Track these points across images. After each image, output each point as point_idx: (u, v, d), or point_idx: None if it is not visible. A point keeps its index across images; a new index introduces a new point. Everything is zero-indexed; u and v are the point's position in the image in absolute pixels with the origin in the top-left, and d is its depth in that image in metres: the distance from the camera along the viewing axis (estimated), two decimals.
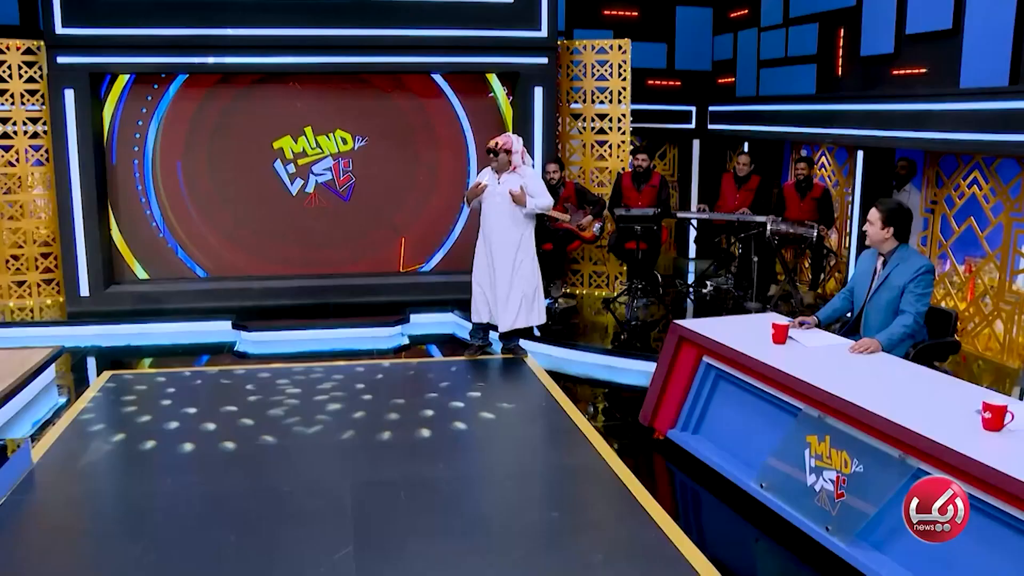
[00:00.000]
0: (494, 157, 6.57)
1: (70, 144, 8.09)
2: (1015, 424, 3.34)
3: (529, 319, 6.83)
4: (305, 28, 8.11)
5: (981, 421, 3.36)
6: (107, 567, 3.82)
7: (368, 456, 5.06)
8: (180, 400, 6.05)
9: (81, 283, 8.29)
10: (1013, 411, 3.36)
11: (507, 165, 6.59)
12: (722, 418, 4.79)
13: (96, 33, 7.94)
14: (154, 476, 4.84)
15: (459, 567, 3.81)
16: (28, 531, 4.21)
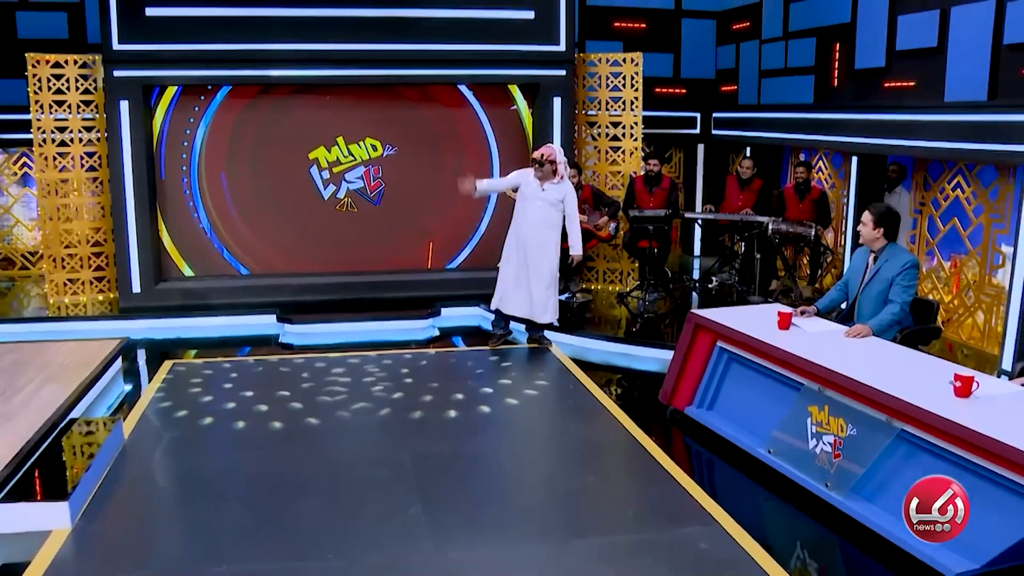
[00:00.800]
0: (539, 167, 7.24)
1: (124, 151, 8.74)
2: (981, 392, 4.05)
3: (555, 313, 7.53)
4: (340, 43, 8.75)
5: (953, 390, 4.06)
6: (209, 526, 4.47)
7: (420, 432, 5.75)
8: (241, 384, 6.73)
9: (133, 280, 8.94)
10: (979, 382, 4.06)
11: (551, 175, 7.26)
12: (734, 395, 5.50)
13: (148, 49, 8.59)
14: (231, 450, 5.53)
15: (512, 522, 4.53)
16: (134, 496, 4.88)
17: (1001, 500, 3.65)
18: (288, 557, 4.10)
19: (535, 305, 7.43)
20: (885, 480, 4.24)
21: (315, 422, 5.92)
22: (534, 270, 7.34)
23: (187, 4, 8.56)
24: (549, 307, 7.44)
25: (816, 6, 9.49)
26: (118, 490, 4.86)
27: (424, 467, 5.14)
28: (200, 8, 8.57)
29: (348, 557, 4.09)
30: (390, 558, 4.09)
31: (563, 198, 7.31)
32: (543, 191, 7.28)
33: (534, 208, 7.30)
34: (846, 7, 8.94)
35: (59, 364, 6.57)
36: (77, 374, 6.33)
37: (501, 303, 7.62)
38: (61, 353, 6.88)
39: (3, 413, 5.49)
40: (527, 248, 7.36)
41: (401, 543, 4.23)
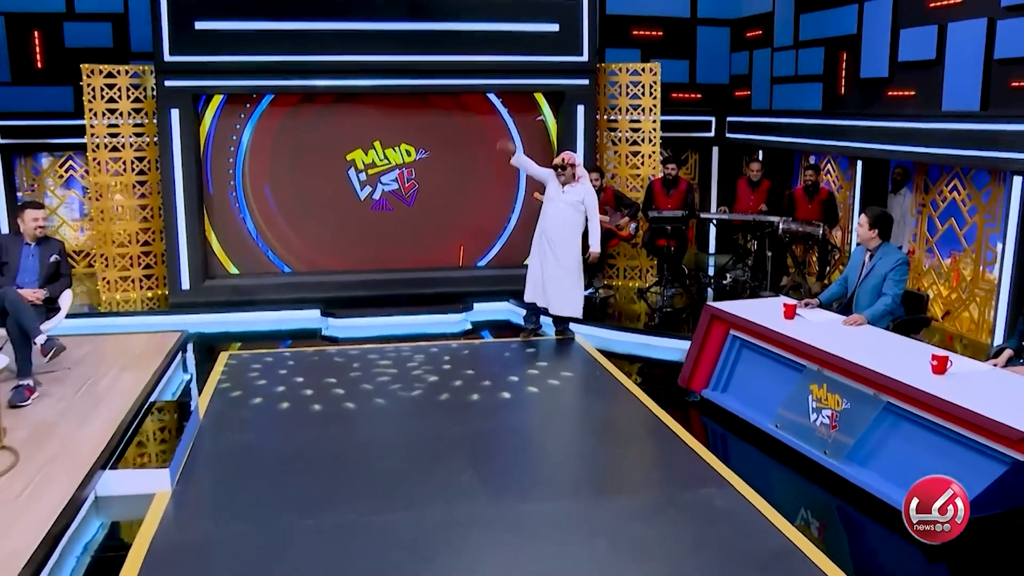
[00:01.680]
0: (562, 171, 8.10)
1: (174, 156, 9.61)
2: (954, 370, 4.88)
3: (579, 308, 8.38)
4: (377, 55, 9.60)
5: (930, 367, 4.89)
6: (290, 489, 5.32)
7: (465, 411, 6.61)
8: (295, 371, 7.60)
9: (182, 278, 9.80)
10: (953, 361, 4.90)
11: (572, 178, 8.13)
12: (745, 377, 6.35)
13: (197, 60, 9.45)
14: (296, 427, 6.36)
15: (551, 484, 5.41)
16: (217, 465, 5.72)
17: (968, 458, 4.48)
18: (364, 512, 4.95)
19: (557, 299, 8.28)
20: (874, 447, 5.08)
21: (369, 404, 6.78)
22: (557, 266, 8.19)
23: (234, 18, 9.41)
24: (571, 301, 8.29)
25: (825, 17, 10.30)
26: (202, 461, 5.72)
27: (472, 440, 6.01)
28: (246, 22, 9.43)
29: (415, 512, 4.95)
30: (450, 512, 4.94)
31: (583, 199, 8.16)
32: (564, 193, 8.14)
33: (558, 209, 8.16)
34: (852, 19, 9.76)
35: (131, 355, 7.46)
36: (150, 363, 7.21)
37: (534, 296, 8.47)
38: (131, 345, 7.78)
39: (93, 397, 6.38)
40: (551, 246, 8.21)
41: (458, 500, 5.09)
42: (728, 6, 12.40)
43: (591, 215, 8.19)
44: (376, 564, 4.37)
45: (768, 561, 4.39)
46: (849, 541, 4.87)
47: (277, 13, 9.40)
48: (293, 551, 4.50)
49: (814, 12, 10.54)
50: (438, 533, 4.68)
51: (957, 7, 8.30)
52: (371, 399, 6.90)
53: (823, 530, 4.97)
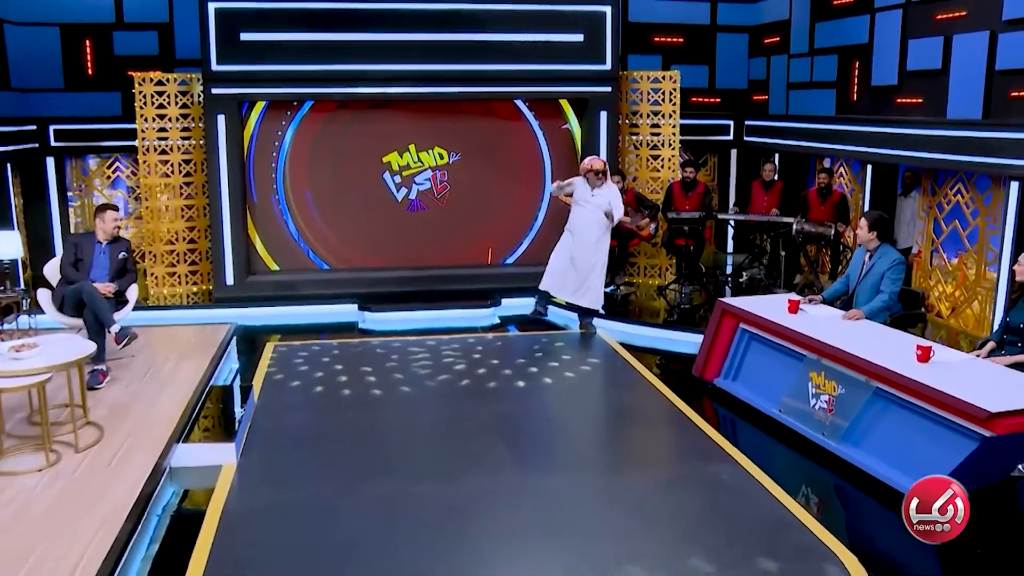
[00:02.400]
0: (596, 176, 8.82)
1: (220, 159, 10.37)
2: (937, 359, 5.53)
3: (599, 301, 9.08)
4: (411, 64, 10.31)
5: (916, 356, 5.54)
6: (341, 462, 6.05)
7: (494, 397, 7.32)
8: (338, 360, 8.32)
9: (227, 274, 10.57)
10: (936, 351, 5.55)
11: (601, 181, 8.85)
12: (753, 367, 7.02)
13: (242, 69, 10.21)
14: (340, 410, 7.07)
15: (575, 460, 6.12)
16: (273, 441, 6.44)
17: (945, 436, 5.12)
18: (406, 483, 5.66)
19: (582, 292, 9.00)
20: (866, 428, 5.73)
21: (407, 389, 7.51)
22: (586, 264, 8.90)
23: (276, 30, 10.15)
24: (594, 295, 9.01)
25: (839, 26, 10.93)
26: (260, 438, 6.45)
27: (501, 421, 6.73)
28: (288, 33, 10.16)
29: (452, 484, 5.66)
30: (482, 483, 5.65)
31: (609, 200, 8.86)
32: (593, 196, 8.82)
33: (587, 209, 8.89)
34: (864, 29, 10.38)
35: (187, 345, 8.23)
36: (206, 352, 7.97)
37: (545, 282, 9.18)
38: (185, 336, 8.56)
39: (159, 381, 7.15)
40: (581, 245, 8.91)
41: (490, 473, 5.80)
42: (747, 13, 13.03)
43: (616, 211, 8.88)
44: (417, 528, 5.07)
45: (768, 529, 5.06)
46: (844, 513, 5.55)
47: (317, 25, 10.13)
48: (344, 515, 5.22)
49: (829, 21, 11.16)
50: (472, 501, 5.39)
51: (962, 19, 8.91)
52: (408, 385, 7.62)
53: (821, 504, 5.62)
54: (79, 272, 7.24)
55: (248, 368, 8.30)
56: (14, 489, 5.10)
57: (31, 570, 4.17)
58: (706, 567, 4.56)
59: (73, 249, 7.34)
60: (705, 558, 4.64)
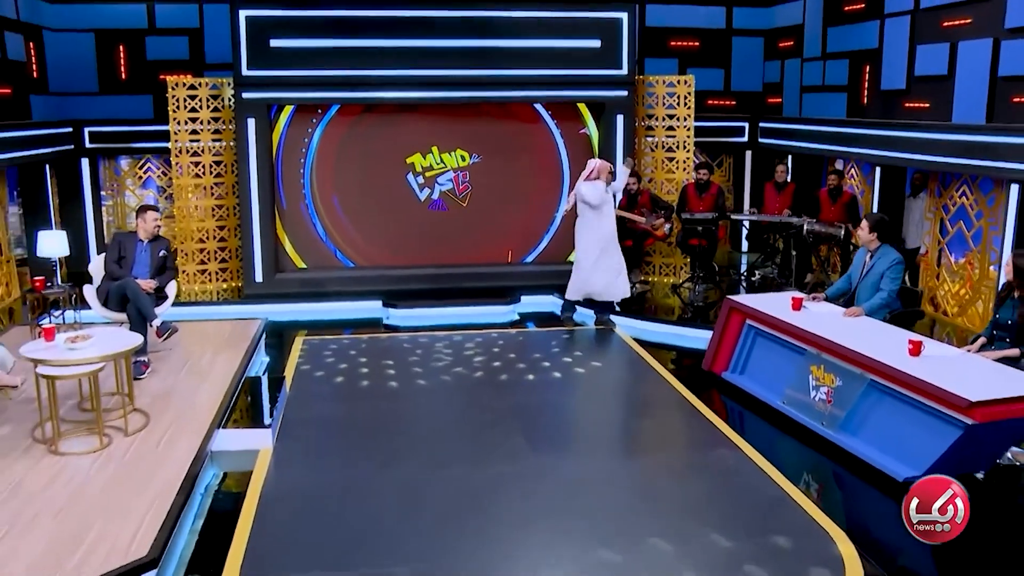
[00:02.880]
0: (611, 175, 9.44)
1: (250, 161, 10.89)
2: (927, 353, 5.96)
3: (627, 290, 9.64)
4: (434, 69, 10.80)
5: (907, 350, 5.97)
6: (369, 448, 6.54)
7: (513, 388, 7.80)
8: (364, 354, 8.82)
9: (256, 271, 11.11)
10: (926, 345, 5.97)
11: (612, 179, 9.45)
12: (759, 361, 7.46)
13: (271, 74, 10.73)
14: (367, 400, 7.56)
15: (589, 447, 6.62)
16: (306, 428, 6.94)
17: (932, 424, 5.55)
18: (431, 467, 6.14)
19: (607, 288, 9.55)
20: (862, 418, 6.17)
21: (429, 382, 8.00)
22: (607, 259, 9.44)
23: (304, 37, 10.66)
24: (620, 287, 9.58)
25: (849, 31, 11.33)
26: (293, 425, 6.95)
27: (520, 411, 7.21)
28: (315, 40, 10.67)
29: (473, 467, 6.15)
30: (502, 468, 6.12)
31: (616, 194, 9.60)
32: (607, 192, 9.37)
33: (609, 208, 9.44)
34: (874, 34, 10.77)
35: (221, 338, 8.76)
36: (239, 346, 8.49)
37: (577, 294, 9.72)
38: (219, 331, 9.08)
39: (198, 373, 7.69)
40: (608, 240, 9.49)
41: (509, 458, 6.27)
42: (761, 17, 13.44)
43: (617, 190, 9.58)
44: (443, 507, 5.55)
45: (766, 508, 5.51)
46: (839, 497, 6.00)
47: (343, 32, 10.64)
48: (373, 496, 5.71)
49: (840, 26, 11.56)
50: (493, 484, 5.87)
51: (967, 27, 9.29)
52: (431, 377, 8.11)
53: (818, 488, 6.05)
54: (122, 269, 7.78)
55: (278, 361, 8.81)
56: (72, 469, 5.63)
57: (92, 543, 4.67)
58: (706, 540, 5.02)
59: (117, 247, 7.88)
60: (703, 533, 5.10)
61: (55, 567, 4.38)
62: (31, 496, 5.20)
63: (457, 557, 4.92)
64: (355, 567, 4.80)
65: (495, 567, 4.83)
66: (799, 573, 4.70)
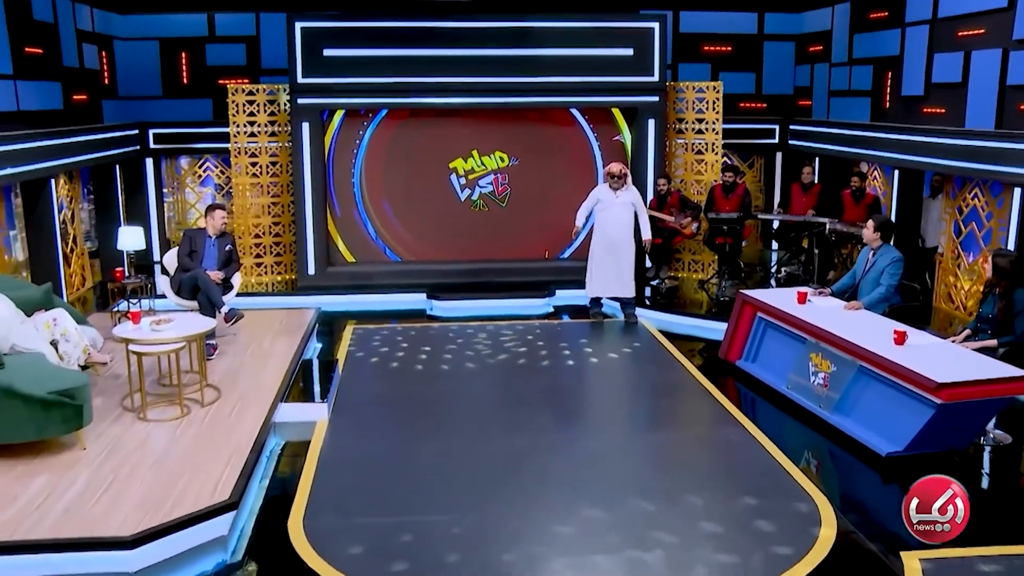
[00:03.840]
0: (616, 179, 10.25)
1: (304, 162, 11.98)
2: (911, 342, 6.82)
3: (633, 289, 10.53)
4: (475, 76, 11.81)
5: (893, 340, 6.83)
6: (417, 423, 7.57)
7: (544, 372, 8.80)
8: (410, 341, 9.87)
9: (309, 264, 12.21)
10: (911, 335, 6.84)
11: (623, 184, 10.29)
12: (768, 350, 8.37)
13: (324, 81, 11.81)
14: (414, 382, 8.61)
15: (610, 424, 7.58)
16: (358, 405, 7.99)
17: (911, 404, 6.41)
18: (468, 439, 7.16)
19: (620, 285, 10.45)
20: (854, 400, 7.05)
21: (469, 366, 9.02)
22: (621, 259, 10.35)
23: (355, 46, 11.73)
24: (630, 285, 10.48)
25: (874, 38, 12.10)
26: (346, 401, 8.00)
27: (549, 391, 8.22)
28: (365, 49, 11.73)
29: (503, 438, 7.15)
30: (532, 441, 7.09)
31: (632, 200, 10.36)
32: (617, 197, 10.29)
33: (613, 213, 10.35)
34: (896, 41, 11.55)
35: (279, 325, 9.85)
36: (295, 332, 9.58)
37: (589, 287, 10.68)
38: (277, 318, 10.18)
39: (261, 354, 8.77)
40: (611, 240, 10.37)
41: (538, 433, 7.26)
42: (792, 23, 14.24)
43: (640, 212, 10.32)
44: (475, 470, 6.56)
45: (761, 476, 6.42)
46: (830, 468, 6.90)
47: (390, 42, 11.70)
48: (417, 461, 6.72)
49: (865, 33, 12.34)
50: (520, 452, 6.85)
51: (980, 37, 10.05)
52: (471, 362, 9.14)
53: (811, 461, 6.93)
54: (193, 261, 8.88)
55: (329, 347, 9.89)
56: (159, 432, 6.73)
57: (183, 490, 5.73)
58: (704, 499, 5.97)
59: (188, 242, 8.99)
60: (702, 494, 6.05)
61: (157, 505, 5.46)
62: (128, 453, 6.30)
63: (486, 508, 5.91)
64: (400, 514, 5.81)
65: (517, 516, 5.80)
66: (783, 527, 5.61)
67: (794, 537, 5.48)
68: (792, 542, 5.41)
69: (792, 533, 5.53)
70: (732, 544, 5.43)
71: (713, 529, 5.61)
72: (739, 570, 5.15)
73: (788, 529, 5.59)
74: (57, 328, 7.18)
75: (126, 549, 5.05)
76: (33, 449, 6.21)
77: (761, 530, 5.58)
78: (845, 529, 5.58)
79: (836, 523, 5.64)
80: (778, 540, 5.44)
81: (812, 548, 5.35)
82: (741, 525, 5.65)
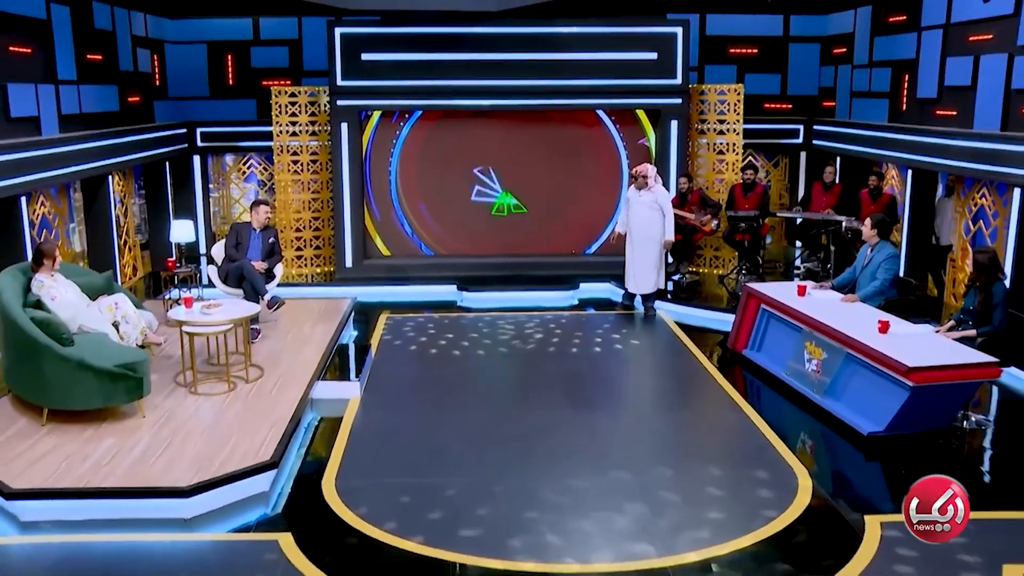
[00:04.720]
0: (635, 180, 11.08)
1: (343, 160, 12.94)
2: (893, 331, 7.58)
3: (659, 283, 11.31)
4: (505, 79, 12.69)
5: (877, 328, 7.59)
6: (444, 403, 8.46)
7: (565, 359, 9.65)
8: (440, 329, 10.78)
9: (346, 257, 13.17)
10: (893, 324, 7.59)
11: (645, 184, 11.07)
12: (770, 339, 9.15)
13: (362, 84, 12.75)
14: (442, 365, 9.50)
15: (622, 405, 8.45)
16: (389, 386, 8.90)
17: (890, 388, 7.17)
18: (490, 417, 8.03)
19: (642, 281, 11.27)
20: (843, 385, 7.82)
21: (495, 351, 9.91)
22: (643, 256, 11.16)
23: (392, 51, 12.66)
24: (650, 282, 11.29)
25: (892, 41, 12.77)
26: (378, 381, 8.91)
27: (566, 376, 9.10)
28: (401, 54, 12.66)
29: (521, 414, 8.02)
30: (546, 418, 7.95)
31: (656, 199, 11.13)
32: (641, 196, 11.09)
33: (639, 210, 11.16)
34: (912, 45, 12.21)
35: (318, 313, 10.81)
36: (333, 319, 10.53)
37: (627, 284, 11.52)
38: (315, 307, 11.13)
39: (300, 339, 9.72)
40: (636, 238, 11.19)
41: (552, 411, 8.13)
42: (817, 25, 14.92)
43: (667, 211, 11.09)
44: (494, 442, 7.44)
45: (752, 452, 7.22)
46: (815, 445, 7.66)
47: (425, 46, 12.62)
48: (441, 437, 7.58)
49: (885, 36, 13.01)
50: (536, 427, 7.72)
51: (988, 42, 10.70)
52: (496, 348, 10.04)
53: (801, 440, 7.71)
54: (239, 252, 9.85)
55: (364, 334, 10.81)
56: (209, 404, 7.70)
57: (231, 450, 6.68)
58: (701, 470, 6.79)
59: (235, 235, 9.96)
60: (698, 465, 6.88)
61: (208, 464, 6.41)
62: (183, 421, 7.28)
63: (502, 474, 6.79)
64: (424, 476, 6.71)
65: (531, 481, 6.65)
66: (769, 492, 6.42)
67: (776, 502, 6.27)
68: (775, 506, 6.20)
69: (775, 499, 6.31)
70: (724, 505, 6.25)
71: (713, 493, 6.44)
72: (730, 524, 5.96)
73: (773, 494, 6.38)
74: (118, 311, 8.16)
75: (183, 498, 6.01)
76: (100, 416, 7.22)
77: (749, 495, 6.39)
78: (820, 496, 6.36)
79: (812, 492, 6.43)
80: (765, 504, 6.23)
81: (789, 507, 6.15)
82: (733, 491, 6.46)
